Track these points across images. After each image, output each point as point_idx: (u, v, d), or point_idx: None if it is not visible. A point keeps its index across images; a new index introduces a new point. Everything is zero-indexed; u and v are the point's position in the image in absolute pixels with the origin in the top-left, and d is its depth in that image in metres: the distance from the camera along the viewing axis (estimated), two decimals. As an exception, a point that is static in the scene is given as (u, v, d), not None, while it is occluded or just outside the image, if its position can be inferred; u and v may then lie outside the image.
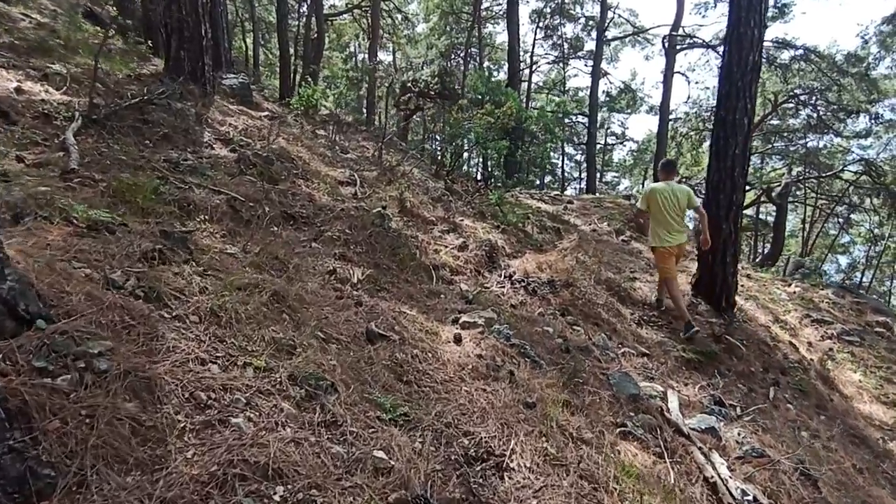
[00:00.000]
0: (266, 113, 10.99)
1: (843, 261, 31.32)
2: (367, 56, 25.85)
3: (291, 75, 19.65)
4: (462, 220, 6.40)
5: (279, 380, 2.15)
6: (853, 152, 24.61)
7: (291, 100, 12.40)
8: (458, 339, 3.40)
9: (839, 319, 7.47)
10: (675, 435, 3.45)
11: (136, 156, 4.44)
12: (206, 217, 3.79)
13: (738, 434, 3.70)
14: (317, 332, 2.71)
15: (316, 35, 20.17)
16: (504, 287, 5.19)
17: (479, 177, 7.70)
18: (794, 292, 8.13)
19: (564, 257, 5.64)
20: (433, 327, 3.52)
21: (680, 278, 7.23)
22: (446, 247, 5.60)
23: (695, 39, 20.36)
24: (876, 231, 24.82)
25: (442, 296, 4.57)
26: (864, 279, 30.10)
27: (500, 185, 8.47)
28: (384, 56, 34.38)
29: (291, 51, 25.11)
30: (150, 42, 9.63)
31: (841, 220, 26.05)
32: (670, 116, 22.45)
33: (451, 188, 7.73)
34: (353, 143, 11.54)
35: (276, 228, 4.35)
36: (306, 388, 2.19)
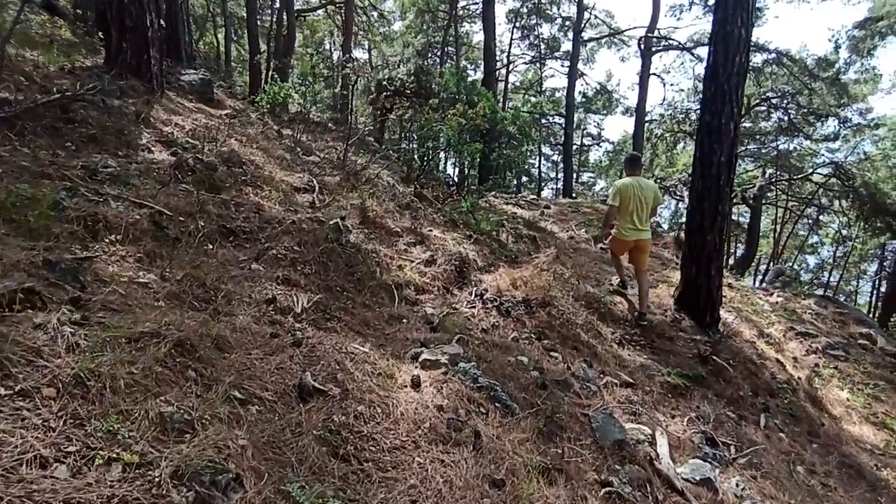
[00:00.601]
0: (227, 111, 10.29)
1: (812, 261, 31.73)
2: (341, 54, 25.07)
3: (263, 72, 18.83)
4: (431, 231, 5.85)
5: (158, 479, 1.57)
6: (822, 155, 24.83)
7: (257, 97, 11.70)
8: (416, 384, 2.84)
9: (823, 332, 7.13)
10: (668, 491, 2.97)
11: (47, 161, 3.77)
12: (119, 237, 3.16)
13: (736, 484, 3.23)
14: (232, 393, 2.13)
15: (287, 31, 19.36)
16: (475, 307, 4.65)
17: (451, 181, 7.13)
18: (777, 303, 7.80)
19: (541, 272, 5.14)
20: (388, 367, 2.96)
21: (662, 291, 6.82)
22: (412, 261, 5.05)
23: (670, 41, 20.14)
24: (844, 232, 25.05)
25: (404, 321, 4.02)
26: (832, 279, 30.54)
27: (473, 190, 7.93)
28: (360, 54, 33.63)
29: (264, 47, 24.25)
30: (101, 34, 8.86)
31: (810, 221, 26.26)
32: (646, 118, 22.23)
33: (421, 194, 7.18)
34: (320, 144, 10.92)
35: (210, 247, 3.74)
36: (196, 487, 1.61)
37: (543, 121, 24.82)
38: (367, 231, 5.12)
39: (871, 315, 27.55)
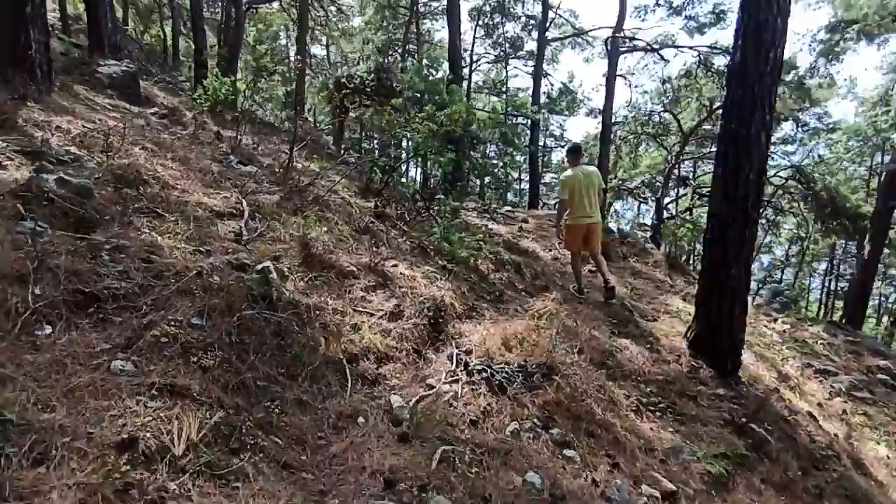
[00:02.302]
0: (153, 110, 8.63)
1: (765, 259, 31.95)
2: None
3: (209, 68, 16.91)
4: (395, 266, 4.50)
5: None
6: (776, 158, 24.74)
7: (194, 94, 10.01)
8: None
9: (840, 366, 6.20)
10: None
11: None
12: None
13: None
14: None
15: (235, 22, 17.48)
16: (458, 382, 3.35)
17: (417, 194, 5.79)
18: (784, 331, 6.85)
19: (539, 326, 3.87)
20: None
21: (667, 327, 5.70)
22: (371, 315, 3.69)
23: (637, 42, 19.33)
24: (801, 232, 25.02)
25: (360, 422, 2.69)
26: (785, 276, 30.85)
27: (442, 202, 6.58)
28: (318, 50, 31.70)
29: (214, 41, 22.18)
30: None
31: (766, 222, 26.15)
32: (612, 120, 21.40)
33: (383, 213, 5.81)
34: (266, 148, 9.36)
35: (47, 332, 2.30)
36: None
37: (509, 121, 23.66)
38: (311, 276, 3.73)
39: (824, 314, 27.86)
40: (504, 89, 25.33)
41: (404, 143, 5.49)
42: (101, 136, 4.58)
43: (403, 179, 6.46)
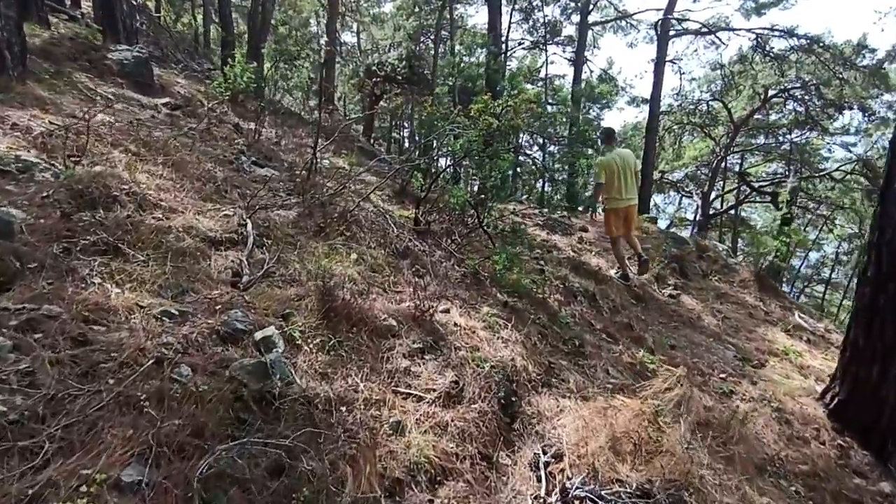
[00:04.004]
0: (165, 100, 7.59)
1: (813, 256, 29.69)
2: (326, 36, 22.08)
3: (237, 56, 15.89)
4: (447, 311, 3.30)
5: None
6: (834, 150, 22.60)
7: (213, 83, 8.94)
8: None
9: None
10: None
11: None
12: None
13: None
14: None
15: (262, 8, 16.39)
16: (551, 520, 2.16)
17: (465, 203, 4.55)
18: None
19: (660, 419, 2.62)
20: None
21: (786, 375, 4.39)
22: (419, 400, 2.51)
23: (688, 25, 17.54)
24: (854, 230, 22.86)
25: None
26: (834, 275, 28.63)
27: (505, 227, 5.15)
28: (348, 37, 30.50)
29: (245, 27, 21.24)
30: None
31: (821, 218, 23.97)
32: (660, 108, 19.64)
33: (427, 229, 4.61)
34: (291, 142, 8.26)
35: None
36: None
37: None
38: (334, 341, 2.56)
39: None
40: (544, 76, 23.62)
41: (457, 146, 4.24)
42: (72, 136, 3.49)
43: (449, 189, 5.18)
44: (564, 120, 14.64)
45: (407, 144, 27.25)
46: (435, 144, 5.12)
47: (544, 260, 5.24)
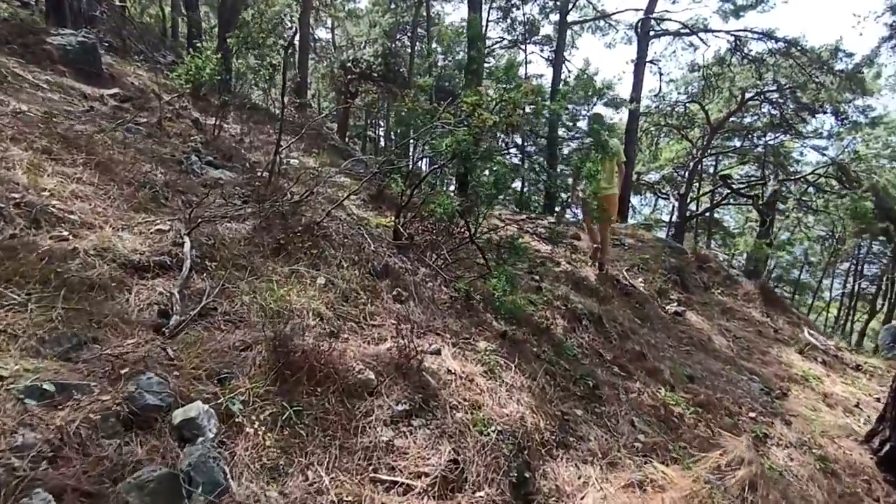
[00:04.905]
0: (113, 91, 6.72)
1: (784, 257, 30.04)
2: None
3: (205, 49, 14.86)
4: (438, 353, 2.63)
5: None
6: (807, 153, 22.71)
7: (173, 73, 8.03)
8: None
9: None
10: None
11: None
12: None
13: None
14: None
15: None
16: None
17: (457, 215, 3.85)
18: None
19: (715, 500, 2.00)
20: None
21: (813, 409, 3.86)
22: (407, 490, 1.82)
23: (667, 25, 17.25)
24: (830, 232, 23.07)
25: None
26: (803, 276, 29.02)
27: (500, 254, 4.37)
28: (323, 33, 29.46)
29: (215, 21, 20.11)
30: None
31: (792, 220, 24.11)
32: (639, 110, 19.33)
33: (409, 242, 3.93)
34: (257, 140, 7.47)
35: None
36: None
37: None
38: (286, 413, 1.86)
39: (846, 315, 26.06)
40: (523, 75, 23.12)
41: (444, 148, 3.57)
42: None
43: (438, 191, 4.49)
44: (543, 121, 14.17)
45: (383, 143, 26.47)
46: (416, 144, 4.42)
47: (539, 275, 4.61)
